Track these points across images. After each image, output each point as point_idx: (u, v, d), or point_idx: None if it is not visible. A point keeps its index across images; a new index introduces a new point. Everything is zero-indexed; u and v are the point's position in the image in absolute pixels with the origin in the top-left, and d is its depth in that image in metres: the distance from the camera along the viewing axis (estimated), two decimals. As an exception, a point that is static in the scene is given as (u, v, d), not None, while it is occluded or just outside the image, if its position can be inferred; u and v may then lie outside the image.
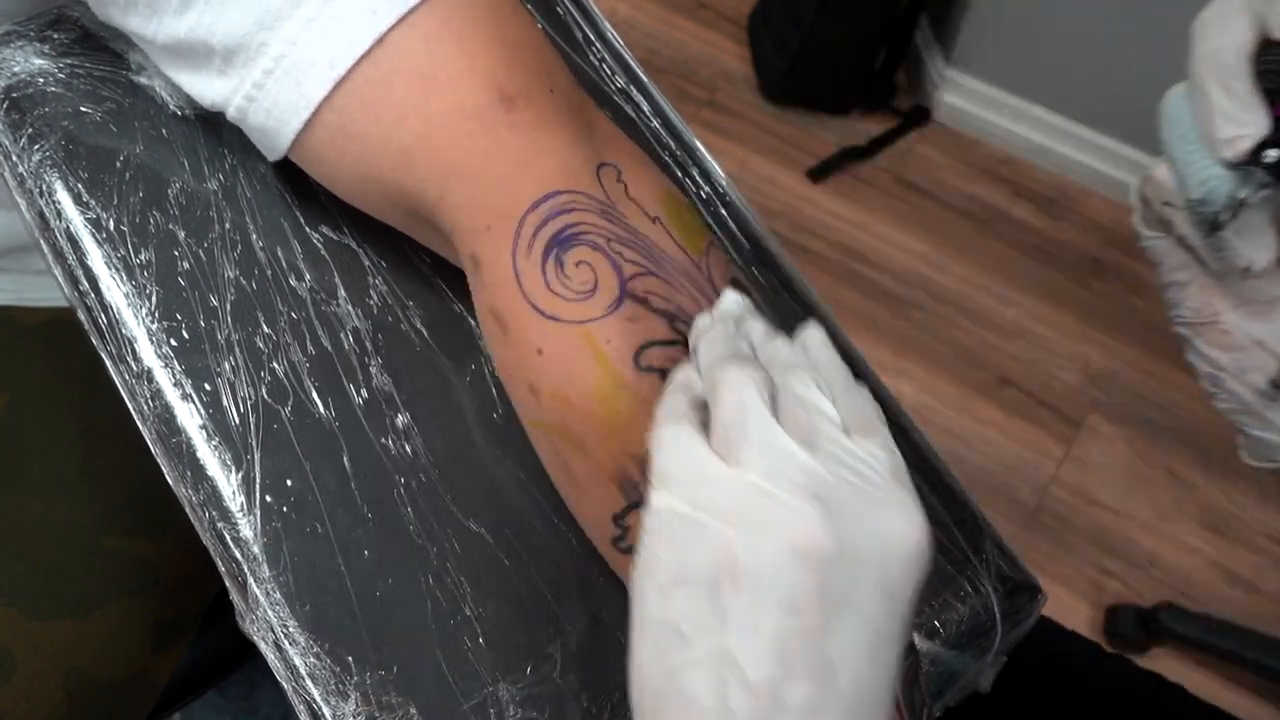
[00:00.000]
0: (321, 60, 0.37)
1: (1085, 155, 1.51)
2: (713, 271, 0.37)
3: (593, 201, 0.36)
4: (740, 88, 1.60)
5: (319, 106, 0.37)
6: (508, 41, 0.38)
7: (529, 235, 0.35)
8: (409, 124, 0.37)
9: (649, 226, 0.37)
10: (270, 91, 0.38)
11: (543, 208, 0.36)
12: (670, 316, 0.35)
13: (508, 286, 0.36)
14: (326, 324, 0.43)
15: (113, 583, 0.57)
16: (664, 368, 0.35)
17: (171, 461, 0.40)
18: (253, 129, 0.40)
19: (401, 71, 0.37)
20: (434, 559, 0.40)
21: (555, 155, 0.36)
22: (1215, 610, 1.22)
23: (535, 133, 0.37)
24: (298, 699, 0.37)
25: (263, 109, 0.38)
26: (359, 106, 0.37)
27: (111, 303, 0.42)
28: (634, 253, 0.36)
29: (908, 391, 1.36)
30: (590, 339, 0.35)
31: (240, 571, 0.39)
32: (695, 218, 0.39)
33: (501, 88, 0.37)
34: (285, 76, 0.37)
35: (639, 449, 0.34)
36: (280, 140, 0.39)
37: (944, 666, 0.43)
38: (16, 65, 0.45)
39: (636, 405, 0.34)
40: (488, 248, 0.36)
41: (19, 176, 0.44)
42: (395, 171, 0.38)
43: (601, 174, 0.37)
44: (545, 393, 0.36)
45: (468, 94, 0.37)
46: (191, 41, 0.38)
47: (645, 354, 0.35)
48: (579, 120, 0.38)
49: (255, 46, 0.37)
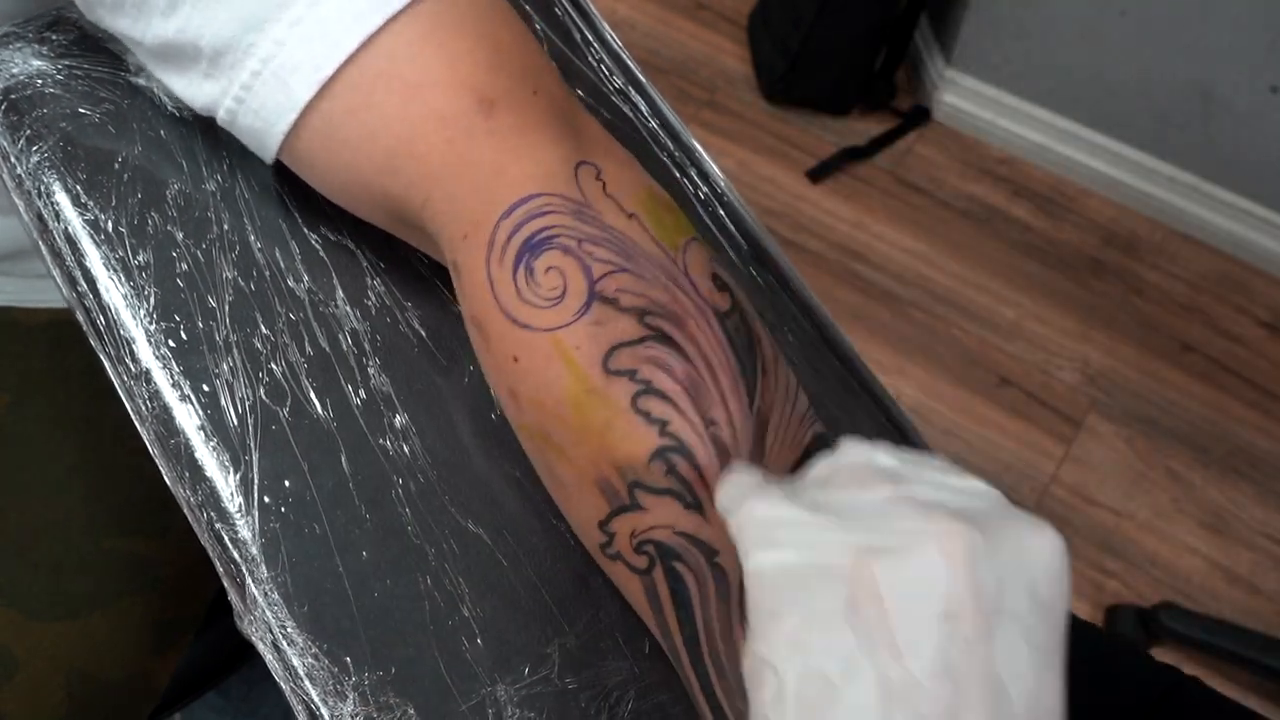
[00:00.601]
0: (307, 63, 0.37)
1: (1085, 155, 1.51)
2: (689, 267, 0.37)
3: (567, 203, 0.36)
4: (740, 88, 1.60)
5: (305, 109, 0.37)
6: (491, 45, 0.38)
7: (502, 242, 0.36)
8: (392, 130, 0.37)
9: (624, 222, 0.37)
10: (258, 93, 0.38)
11: (516, 213, 0.36)
12: (641, 312, 0.35)
13: (483, 295, 0.36)
14: (325, 325, 0.43)
15: (113, 583, 0.57)
16: (633, 369, 0.35)
17: (169, 462, 0.40)
18: (243, 131, 0.40)
19: (385, 77, 0.37)
20: (432, 559, 0.40)
21: (532, 159, 0.36)
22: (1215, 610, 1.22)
23: (514, 138, 0.37)
24: (296, 699, 0.38)
25: (251, 110, 0.38)
26: (345, 112, 0.37)
27: (110, 304, 0.42)
28: (605, 250, 0.36)
29: (908, 391, 1.36)
30: (560, 346, 0.35)
31: (238, 572, 0.39)
32: (677, 218, 0.39)
33: (482, 93, 0.37)
34: (272, 78, 0.37)
35: (615, 454, 0.34)
36: (269, 141, 0.39)
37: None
38: (15, 67, 0.45)
39: (609, 410, 0.34)
40: (465, 256, 0.37)
41: (17, 178, 0.44)
42: (381, 178, 0.38)
43: (579, 173, 0.37)
44: (524, 399, 0.36)
45: (448, 100, 0.37)
46: (179, 43, 0.38)
47: (614, 356, 0.35)
48: (561, 121, 0.38)
49: (243, 48, 0.37)
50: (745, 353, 0.36)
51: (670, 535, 0.34)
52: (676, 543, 0.34)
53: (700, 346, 0.36)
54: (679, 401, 0.35)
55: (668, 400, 0.35)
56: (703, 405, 0.35)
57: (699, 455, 0.34)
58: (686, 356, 0.35)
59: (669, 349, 0.35)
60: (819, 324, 0.48)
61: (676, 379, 0.35)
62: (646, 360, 0.35)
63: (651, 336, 0.35)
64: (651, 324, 0.35)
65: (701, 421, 0.35)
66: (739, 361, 0.36)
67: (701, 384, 0.35)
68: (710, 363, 0.36)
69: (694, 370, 0.35)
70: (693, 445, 0.34)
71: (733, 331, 0.36)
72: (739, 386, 0.36)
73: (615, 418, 0.34)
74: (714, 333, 0.36)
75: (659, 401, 0.35)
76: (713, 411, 0.35)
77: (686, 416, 0.35)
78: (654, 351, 0.35)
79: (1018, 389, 1.37)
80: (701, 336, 0.36)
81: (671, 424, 0.34)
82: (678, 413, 0.35)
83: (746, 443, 0.36)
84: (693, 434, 0.35)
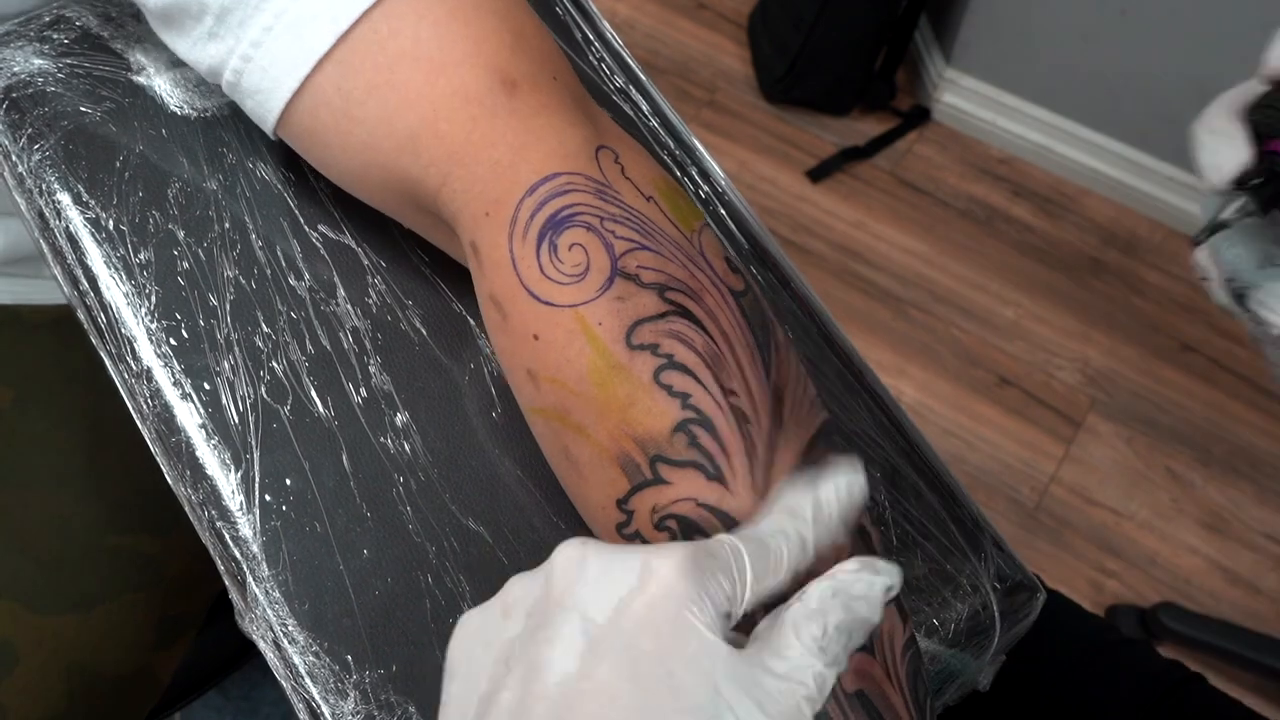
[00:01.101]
0: (324, 14, 0.36)
1: (1084, 155, 1.51)
2: (705, 248, 0.38)
3: (590, 182, 0.36)
4: (740, 88, 1.60)
5: (316, 68, 0.37)
6: (513, 29, 0.38)
7: (525, 219, 0.36)
8: (414, 108, 0.37)
9: (643, 204, 0.37)
10: (269, 49, 0.37)
11: (540, 191, 0.36)
12: (661, 288, 0.36)
13: (505, 272, 0.36)
14: (326, 323, 0.43)
15: (116, 579, 0.57)
16: (655, 343, 0.35)
17: (171, 460, 0.40)
18: (248, 95, 0.39)
19: (409, 56, 0.37)
20: (433, 557, 0.40)
21: (555, 138, 0.37)
22: (1215, 610, 1.22)
23: (536, 118, 0.37)
24: (297, 698, 0.38)
25: (259, 68, 0.38)
26: (366, 89, 0.37)
27: (111, 302, 0.42)
28: (626, 229, 0.36)
29: (907, 391, 1.36)
30: (583, 321, 0.35)
31: (239, 570, 0.39)
32: (690, 204, 0.39)
33: (505, 73, 0.37)
34: (285, 32, 0.37)
35: (637, 429, 0.35)
36: (274, 103, 0.38)
37: (943, 665, 0.43)
38: (16, 65, 0.45)
39: (631, 384, 0.35)
40: (486, 234, 0.37)
41: (18, 176, 0.44)
42: (401, 157, 0.38)
43: (600, 155, 0.37)
44: (543, 378, 0.36)
45: (472, 79, 0.37)
46: (185, 2, 0.38)
47: (637, 331, 0.35)
48: (580, 106, 0.38)
49: (254, 3, 0.37)
50: (760, 329, 0.37)
51: (693, 508, 0.35)
52: (699, 515, 0.34)
53: (719, 321, 0.36)
54: (700, 374, 0.35)
55: (689, 373, 0.35)
56: (723, 377, 0.35)
57: (720, 426, 0.35)
58: (705, 330, 0.36)
59: (689, 323, 0.35)
60: (819, 323, 0.48)
61: (697, 351, 0.35)
62: (668, 334, 0.35)
63: (673, 311, 0.35)
64: (672, 299, 0.36)
65: (721, 392, 0.35)
66: (755, 337, 0.36)
67: (721, 356, 0.36)
68: (728, 336, 0.36)
69: (713, 343, 0.36)
70: (714, 416, 0.35)
71: (748, 309, 0.37)
72: (756, 360, 0.36)
73: (638, 392, 0.34)
74: (731, 308, 0.37)
75: (680, 375, 0.35)
76: (732, 383, 0.35)
77: (708, 388, 0.35)
78: (675, 325, 0.35)
79: (1018, 389, 1.37)
80: (719, 312, 0.36)
81: (693, 396, 0.35)
82: (699, 385, 0.35)
83: (765, 414, 0.36)
84: (714, 405, 0.35)
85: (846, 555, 0.33)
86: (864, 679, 0.35)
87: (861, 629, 0.30)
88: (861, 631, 0.30)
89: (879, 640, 0.36)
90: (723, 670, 0.28)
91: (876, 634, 0.36)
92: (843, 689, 0.35)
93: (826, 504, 0.32)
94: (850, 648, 0.30)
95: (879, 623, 0.31)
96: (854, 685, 0.35)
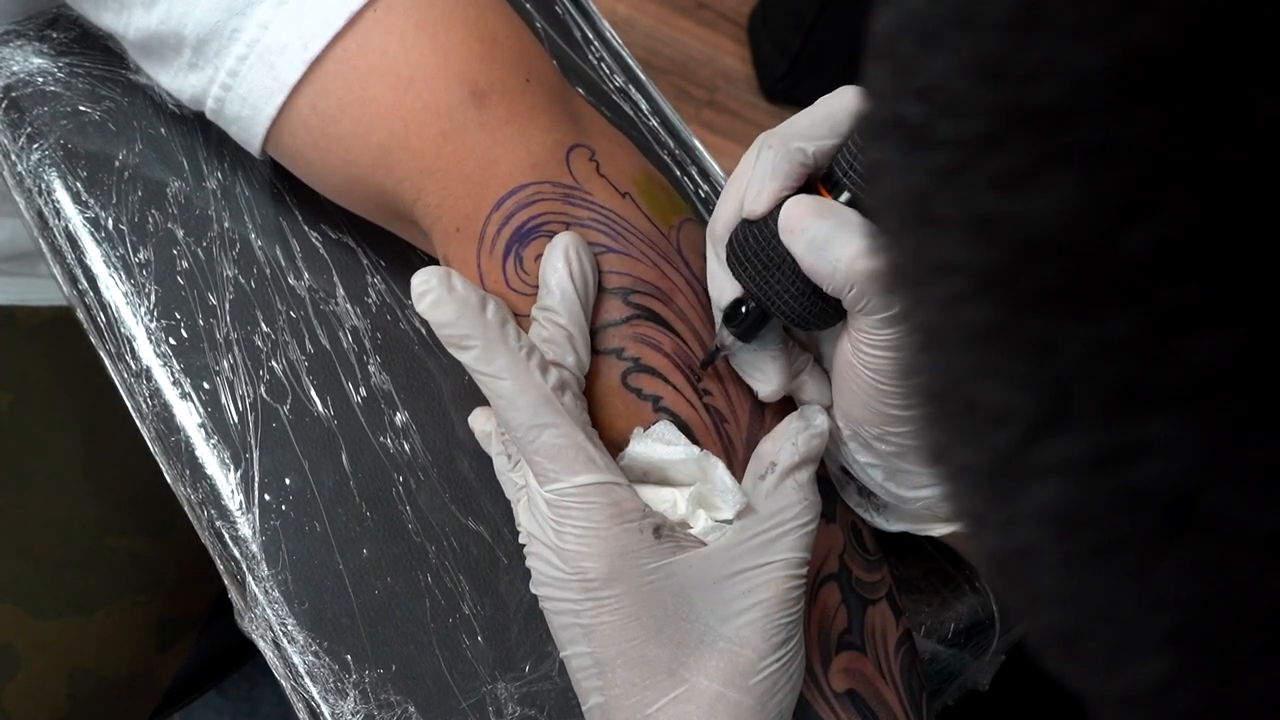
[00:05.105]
0: (295, 42, 0.36)
1: (1085, 155, 1.51)
2: (682, 244, 0.38)
3: (558, 189, 0.36)
4: (740, 88, 1.60)
5: (294, 95, 0.37)
6: (483, 35, 0.38)
7: (492, 235, 0.36)
8: (385, 123, 0.37)
9: (618, 201, 0.37)
10: (245, 79, 0.37)
11: (506, 205, 0.36)
12: (626, 291, 0.36)
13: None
14: (325, 323, 0.43)
15: (116, 581, 0.57)
16: (620, 347, 0.36)
17: (170, 460, 0.40)
18: (231, 122, 0.39)
19: (378, 71, 0.36)
20: (432, 557, 0.40)
21: (524, 148, 0.37)
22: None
23: (505, 128, 0.37)
24: (296, 697, 0.38)
25: (238, 97, 0.38)
26: (338, 107, 0.37)
27: (110, 301, 0.42)
28: (594, 233, 0.36)
29: (908, 391, 1.36)
30: None
31: (239, 570, 0.39)
32: (671, 198, 0.39)
33: (474, 83, 0.37)
34: (259, 61, 0.37)
35: (610, 433, 0.35)
36: (256, 129, 0.39)
37: (943, 665, 0.43)
38: (15, 64, 0.45)
39: (600, 388, 0.35)
40: (456, 249, 0.37)
41: (17, 175, 0.44)
42: (375, 171, 0.38)
43: (572, 156, 0.37)
44: None
45: (441, 92, 0.37)
46: (163, 34, 0.38)
47: (600, 336, 0.36)
48: (556, 106, 0.38)
49: (228, 34, 0.37)
50: None
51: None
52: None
53: (690, 321, 0.36)
54: (670, 376, 0.35)
55: (658, 375, 0.35)
56: (695, 378, 0.36)
57: (695, 427, 0.35)
58: (675, 332, 0.36)
59: (656, 325, 0.36)
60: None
61: (665, 354, 0.35)
62: (633, 338, 0.35)
63: (637, 315, 0.36)
64: (637, 303, 0.36)
65: (695, 393, 0.35)
66: None
67: (692, 358, 0.36)
68: (701, 336, 0.36)
69: (683, 345, 0.36)
70: (687, 417, 0.35)
71: None
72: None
73: (607, 395, 0.35)
74: (704, 307, 0.37)
75: (649, 377, 0.35)
76: (706, 382, 0.36)
77: (680, 391, 0.35)
78: (641, 329, 0.36)
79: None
80: (691, 312, 0.36)
81: (664, 399, 0.35)
82: (669, 386, 0.35)
83: (744, 413, 0.36)
84: (687, 406, 0.35)
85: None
86: (855, 678, 0.35)
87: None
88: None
89: (871, 637, 0.36)
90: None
91: (868, 631, 0.36)
92: (832, 689, 0.35)
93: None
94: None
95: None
96: (844, 685, 0.35)
